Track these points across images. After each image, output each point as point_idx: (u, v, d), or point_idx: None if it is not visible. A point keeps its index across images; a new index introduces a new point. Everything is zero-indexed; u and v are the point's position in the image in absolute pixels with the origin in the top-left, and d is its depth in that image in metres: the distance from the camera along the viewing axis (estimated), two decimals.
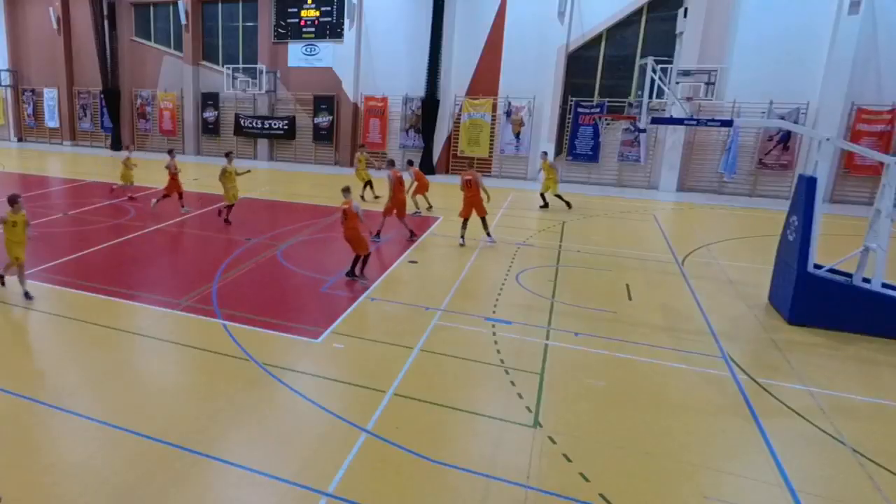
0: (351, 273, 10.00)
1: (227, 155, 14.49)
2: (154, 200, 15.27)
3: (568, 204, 16.70)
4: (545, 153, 17.82)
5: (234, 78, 25.91)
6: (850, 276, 8.64)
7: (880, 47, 17.82)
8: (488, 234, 12.64)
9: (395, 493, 4.80)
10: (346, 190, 10.24)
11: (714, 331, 8.29)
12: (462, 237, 12.49)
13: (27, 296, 8.71)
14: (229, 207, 14.10)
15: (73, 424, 5.67)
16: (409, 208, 14.94)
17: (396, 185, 12.96)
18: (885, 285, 8.26)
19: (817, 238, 8.59)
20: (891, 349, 7.77)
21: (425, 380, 6.70)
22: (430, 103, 23.08)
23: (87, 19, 28.64)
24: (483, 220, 12.54)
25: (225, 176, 13.91)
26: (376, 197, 17.60)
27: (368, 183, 17.99)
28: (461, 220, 12.57)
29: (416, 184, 15.47)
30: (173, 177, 15.09)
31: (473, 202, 12.41)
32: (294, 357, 7.22)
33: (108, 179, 20.65)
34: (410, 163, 16.26)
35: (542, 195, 16.98)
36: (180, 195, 15.28)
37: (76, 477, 4.91)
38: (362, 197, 17.67)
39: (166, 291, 9.43)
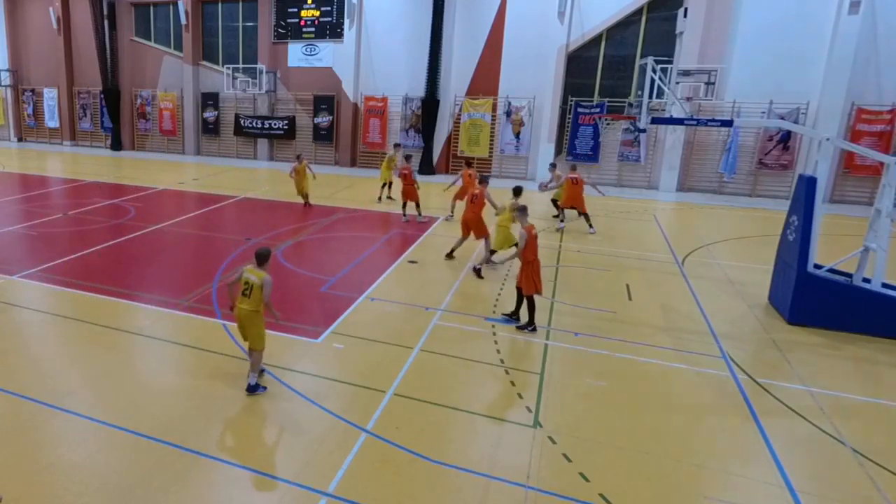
0: (523, 321, 8.15)
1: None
2: (417, 216, 14.62)
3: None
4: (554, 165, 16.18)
5: (234, 78, 25.92)
6: (850, 276, 8.64)
7: (880, 47, 17.82)
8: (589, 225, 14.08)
9: (395, 493, 4.80)
10: (523, 210, 8.31)
11: (714, 331, 8.29)
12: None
13: (253, 388, 6.25)
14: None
15: (73, 424, 5.67)
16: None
17: (472, 196, 11.41)
18: (885, 285, 8.26)
19: (817, 238, 8.59)
20: (891, 349, 7.77)
21: (425, 380, 6.70)
22: (430, 103, 23.08)
23: (87, 19, 28.65)
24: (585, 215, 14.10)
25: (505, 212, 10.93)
26: (390, 198, 17.36)
27: (389, 184, 17.40)
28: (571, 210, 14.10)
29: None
30: (409, 181, 14.29)
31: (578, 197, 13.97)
32: (294, 357, 7.22)
33: (109, 179, 20.68)
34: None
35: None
36: (416, 204, 14.51)
37: (76, 477, 4.91)
38: (379, 199, 17.47)
39: (166, 291, 9.43)
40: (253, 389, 6.25)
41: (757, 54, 19.03)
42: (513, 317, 8.40)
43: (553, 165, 15.84)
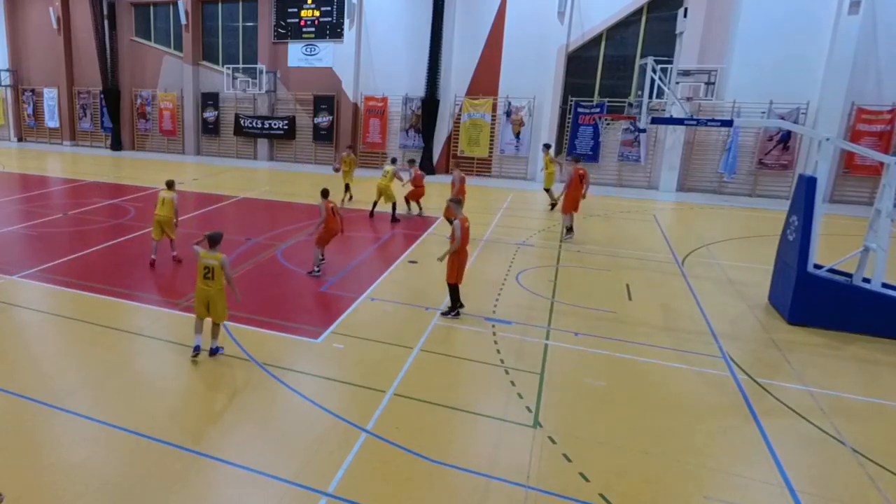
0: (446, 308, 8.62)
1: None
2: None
3: (553, 205, 16.72)
4: (547, 146, 18.17)
5: (234, 78, 25.91)
6: (850, 276, 8.64)
7: (880, 47, 17.81)
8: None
9: (395, 493, 4.80)
10: (458, 202, 8.80)
11: (714, 331, 8.29)
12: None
13: (216, 351, 7.05)
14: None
15: (73, 424, 5.67)
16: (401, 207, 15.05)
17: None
18: (885, 285, 8.26)
19: (817, 238, 8.59)
20: (891, 349, 7.77)
21: (425, 380, 6.70)
22: (430, 103, 23.08)
23: (87, 19, 28.63)
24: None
25: None
26: (350, 198, 17.03)
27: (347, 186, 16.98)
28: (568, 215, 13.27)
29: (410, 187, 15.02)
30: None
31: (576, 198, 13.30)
32: (294, 357, 7.22)
33: (108, 179, 20.68)
34: (412, 162, 15.68)
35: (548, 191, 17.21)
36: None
37: (76, 477, 4.91)
38: (350, 198, 17.03)
39: (166, 291, 9.43)
40: (215, 352, 7.02)
41: (757, 54, 19.03)
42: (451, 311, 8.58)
43: (413, 163, 15.69)
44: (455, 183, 13.67)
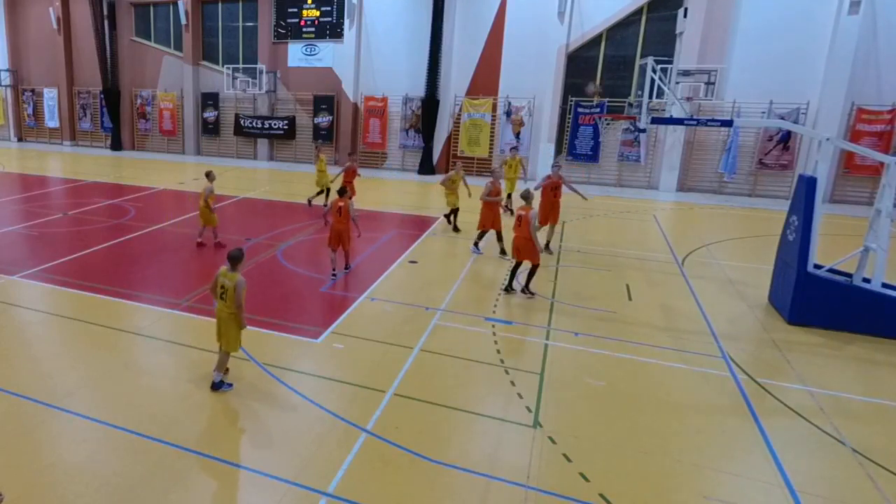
0: (524, 287, 9.44)
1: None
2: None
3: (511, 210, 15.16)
4: (514, 148, 17.92)
5: (234, 78, 25.91)
6: (850, 276, 8.64)
7: (880, 47, 17.82)
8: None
9: (395, 493, 4.80)
10: (527, 197, 9.36)
11: (714, 331, 8.29)
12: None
13: (218, 385, 6.33)
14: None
15: (73, 424, 5.67)
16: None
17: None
18: (885, 285, 8.26)
19: (817, 238, 8.59)
20: (891, 349, 7.77)
21: (425, 380, 6.70)
22: (430, 103, 23.08)
23: (87, 19, 28.64)
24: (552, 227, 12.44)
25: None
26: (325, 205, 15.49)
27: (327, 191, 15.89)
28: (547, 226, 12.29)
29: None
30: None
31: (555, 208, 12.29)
32: (294, 357, 7.23)
33: (108, 179, 20.68)
34: (351, 154, 15.56)
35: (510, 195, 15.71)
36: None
37: (76, 477, 4.91)
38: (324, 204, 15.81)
39: (166, 291, 9.43)
40: (218, 386, 6.32)
41: (757, 54, 19.03)
42: (527, 290, 9.49)
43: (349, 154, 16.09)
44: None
